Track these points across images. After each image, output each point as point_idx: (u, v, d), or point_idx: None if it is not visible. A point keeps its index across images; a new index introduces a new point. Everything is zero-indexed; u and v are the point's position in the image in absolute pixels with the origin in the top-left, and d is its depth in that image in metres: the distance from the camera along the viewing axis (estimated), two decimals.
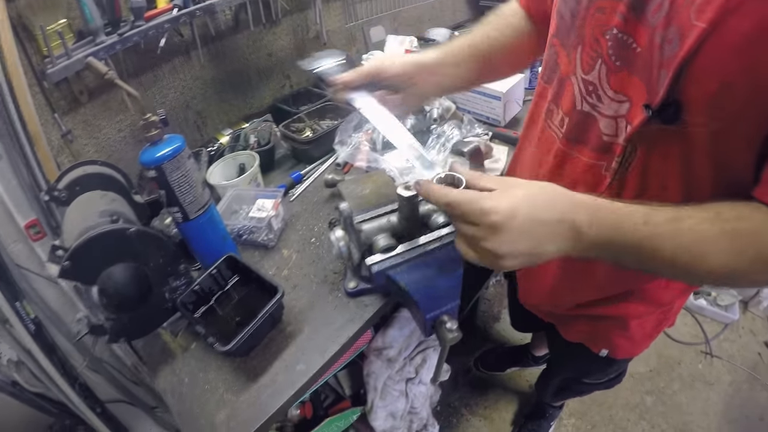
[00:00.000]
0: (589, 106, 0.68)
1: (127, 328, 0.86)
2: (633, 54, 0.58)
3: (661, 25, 0.53)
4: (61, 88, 1.08)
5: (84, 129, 1.17)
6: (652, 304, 0.88)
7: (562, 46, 0.71)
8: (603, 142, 0.67)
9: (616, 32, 0.59)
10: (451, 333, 0.72)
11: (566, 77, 0.71)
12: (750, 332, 2.14)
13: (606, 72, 0.63)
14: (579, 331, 1.00)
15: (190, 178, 0.90)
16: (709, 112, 0.52)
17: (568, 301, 0.93)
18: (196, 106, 1.40)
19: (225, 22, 1.36)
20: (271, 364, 0.86)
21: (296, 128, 1.45)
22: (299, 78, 1.71)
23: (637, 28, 0.57)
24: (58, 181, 0.98)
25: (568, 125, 0.72)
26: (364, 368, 1.13)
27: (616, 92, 0.63)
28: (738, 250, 0.52)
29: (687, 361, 2.02)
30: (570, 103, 0.71)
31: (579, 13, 0.65)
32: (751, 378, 1.95)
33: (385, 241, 0.74)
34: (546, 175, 0.79)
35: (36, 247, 1.08)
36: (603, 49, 0.62)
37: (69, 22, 1.05)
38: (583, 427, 1.78)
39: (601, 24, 0.62)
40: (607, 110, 0.65)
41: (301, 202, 1.27)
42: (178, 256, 0.90)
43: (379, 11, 1.89)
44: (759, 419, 1.81)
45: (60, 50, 1.03)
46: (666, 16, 0.52)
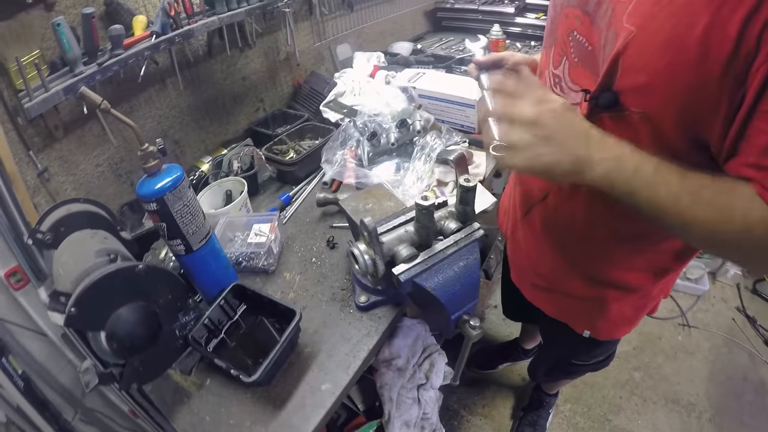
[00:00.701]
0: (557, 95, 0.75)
1: (138, 372, 0.82)
2: (586, 52, 0.71)
3: (605, 28, 0.65)
4: (35, 123, 1.03)
5: (61, 166, 1.11)
6: (626, 289, 0.94)
7: (544, 46, 0.86)
8: None
9: (576, 34, 0.73)
10: (474, 330, 0.76)
11: (543, 71, 0.86)
12: (721, 300, 2.31)
13: (568, 67, 0.76)
14: (561, 308, 1.06)
15: (192, 207, 0.88)
16: (640, 100, 0.61)
17: (547, 269, 1.01)
18: (174, 135, 1.37)
19: (199, 49, 1.34)
20: (295, 388, 0.85)
21: (279, 150, 1.44)
22: (273, 100, 1.71)
23: (591, 30, 0.69)
24: (40, 223, 0.93)
25: None
26: (377, 381, 1.13)
27: (575, 84, 0.75)
28: (728, 204, 0.56)
29: (667, 335, 2.15)
30: None
31: (555, 19, 0.79)
32: (729, 342, 2.10)
33: (408, 251, 0.75)
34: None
35: (18, 296, 1.01)
36: (567, 48, 0.75)
37: (42, 53, 1.00)
38: (579, 411, 1.85)
39: (567, 27, 0.75)
40: (568, 99, 0.76)
41: (295, 224, 1.26)
42: (187, 291, 0.88)
43: (344, 29, 1.93)
44: (743, 379, 1.95)
45: (36, 82, 0.98)
46: (608, 21, 0.64)
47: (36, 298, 0.99)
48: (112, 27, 1.06)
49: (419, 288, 0.74)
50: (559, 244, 0.95)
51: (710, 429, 1.77)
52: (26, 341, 1.05)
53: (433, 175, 1.33)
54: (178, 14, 1.19)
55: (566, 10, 0.74)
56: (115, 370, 0.80)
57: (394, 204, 0.99)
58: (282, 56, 1.67)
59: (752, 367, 2.00)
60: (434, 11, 2.52)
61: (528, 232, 1.02)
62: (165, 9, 1.15)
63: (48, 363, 1.06)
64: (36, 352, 1.04)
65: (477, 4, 2.36)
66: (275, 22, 1.57)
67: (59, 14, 1.02)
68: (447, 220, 0.83)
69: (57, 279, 0.85)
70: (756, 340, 2.11)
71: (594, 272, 0.94)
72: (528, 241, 1.04)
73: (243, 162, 1.38)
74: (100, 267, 0.82)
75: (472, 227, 0.81)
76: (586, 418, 1.82)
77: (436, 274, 0.76)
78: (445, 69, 1.96)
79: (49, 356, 1.07)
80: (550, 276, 1.03)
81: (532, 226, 1.00)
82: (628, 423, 1.80)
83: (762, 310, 2.24)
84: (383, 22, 2.15)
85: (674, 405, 1.85)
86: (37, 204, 1.06)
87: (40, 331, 1.02)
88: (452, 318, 0.76)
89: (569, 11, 0.73)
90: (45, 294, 0.99)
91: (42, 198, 1.08)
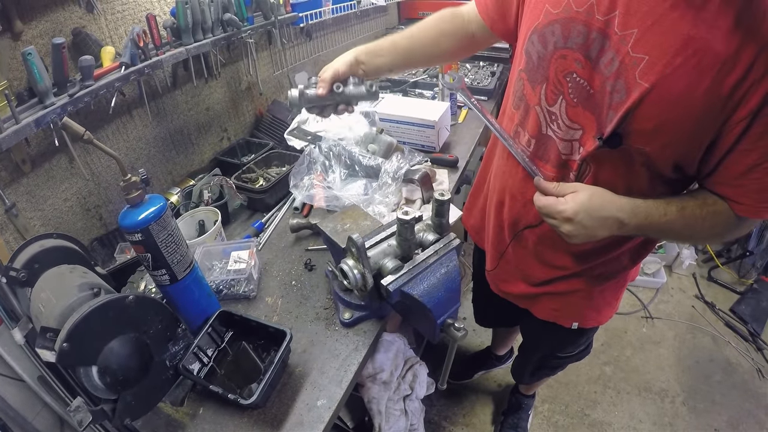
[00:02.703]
0: (551, 131, 0.86)
1: (131, 407, 0.82)
2: (587, 94, 0.77)
3: (612, 77, 0.72)
4: (1, 157, 1.00)
5: (28, 201, 1.09)
6: (610, 276, 1.05)
7: (529, 80, 0.88)
8: (561, 160, 0.87)
9: (576, 76, 0.77)
10: (459, 331, 0.81)
11: (531, 106, 0.88)
12: (680, 290, 2.51)
13: (565, 106, 0.82)
14: (551, 309, 1.13)
15: (176, 237, 0.89)
16: (643, 141, 0.74)
17: (539, 277, 1.08)
18: (142, 166, 1.36)
19: (166, 79, 1.35)
20: (291, 407, 0.87)
21: (249, 179, 1.46)
22: (236, 130, 1.73)
23: (592, 74, 0.75)
24: (12, 260, 0.91)
25: (534, 146, 0.91)
26: (364, 396, 1.16)
27: (572, 122, 0.82)
28: (713, 224, 0.79)
29: (632, 329, 2.30)
30: (535, 127, 0.89)
31: (545, 57, 0.81)
32: (692, 327, 2.29)
33: (393, 263, 0.81)
34: (517, 185, 0.97)
35: None
36: (564, 88, 0.80)
37: (9, 83, 0.98)
38: (557, 409, 1.94)
39: (563, 68, 0.79)
40: (564, 135, 0.84)
41: (270, 250, 1.28)
42: (176, 320, 0.88)
43: (302, 57, 1.99)
44: (709, 360, 2.12)
45: (5, 113, 0.95)
46: (616, 71, 0.71)
47: (9, 340, 0.95)
48: (83, 58, 1.05)
49: (407, 296, 0.80)
50: (553, 256, 1.02)
51: (684, 411, 1.91)
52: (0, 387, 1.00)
53: (401, 193, 1.40)
54: (147, 45, 1.20)
55: (562, 51, 0.78)
56: (106, 406, 0.79)
57: (370, 222, 1.04)
58: (244, 86, 1.71)
59: (716, 348, 2.18)
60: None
61: (518, 248, 1.07)
62: (134, 40, 1.16)
63: (23, 409, 1.01)
64: (10, 398, 0.99)
65: None
66: (237, 53, 1.61)
67: (26, 44, 1.02)
68: (425, 232, 0.90)
69: (38, 317, 0.84)
70: (717, 323, 2.30)
71: (585, 269, 1.02)
72: (518, 255, 1.08)
73: (213, 192, 1.39)
74: (85, 301, 0.81)
75: (449, 237, 0.88)
76: (564, 415, 1.91)
77: (421, 282, 0.81)
78: (401, 92, 2.07)
79: (24, 401, 1.03)
80: (541, 282, 1.09)
81: (523, 244, 1.05)
82: (605, 415, 1.91)
83: (719, 294, 2.45)
84: (338, 50, 2.21)
85: (647, 393, 1.98)
86: (6, 241, 1.03)
87: (14, 376, 0.98)
88: (438, 322, 0.81)
89: (567, 53, 0.77)
90: (20, 335, 0.95)
91: (10, 235, 1.05)
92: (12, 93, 0.99)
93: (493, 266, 1.18)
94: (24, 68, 0.98)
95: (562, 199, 0.81)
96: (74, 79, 1.07)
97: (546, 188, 0.85)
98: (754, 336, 2.20)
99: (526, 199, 0.95)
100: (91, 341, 0.75)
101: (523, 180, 0.95)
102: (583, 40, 0.74)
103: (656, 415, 1.90)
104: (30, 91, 1.03)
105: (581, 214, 0.78)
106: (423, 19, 1.11)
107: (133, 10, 1.25)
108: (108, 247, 1.27)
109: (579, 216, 0.78)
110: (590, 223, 0.79)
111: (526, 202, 0.95)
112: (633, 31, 0.68)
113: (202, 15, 1.33)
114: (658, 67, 0.66)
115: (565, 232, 0.82)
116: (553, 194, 0.84)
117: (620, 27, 0.69)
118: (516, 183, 0.98)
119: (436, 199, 0.84)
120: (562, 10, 0.76)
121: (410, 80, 2.15)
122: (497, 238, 1.12)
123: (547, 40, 0.80)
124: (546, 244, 1.00)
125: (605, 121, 0.76)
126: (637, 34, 0.68)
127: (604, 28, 0.71)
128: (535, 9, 0.82)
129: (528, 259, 1.06)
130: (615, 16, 0.70)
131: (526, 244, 1.04)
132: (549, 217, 0.84)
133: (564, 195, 0.82)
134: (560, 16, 0.76)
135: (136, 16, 1.26)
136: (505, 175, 1.01)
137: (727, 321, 2.29)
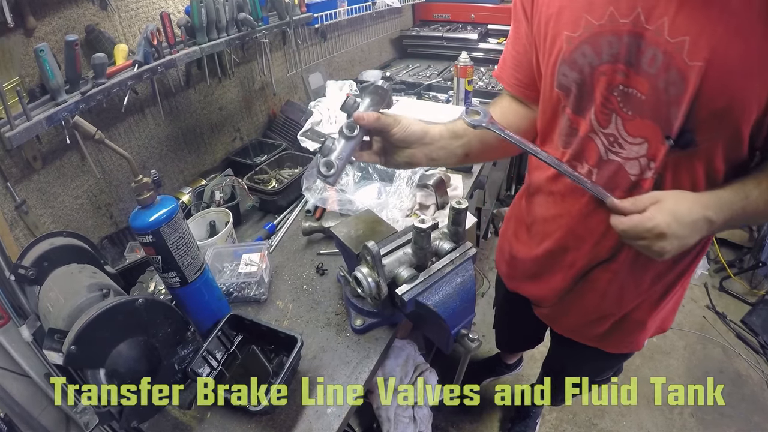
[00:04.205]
0: (614, 154, 0.79)
1: (138, 410, 0.80)
2: (640, 101, 0.72)
3: (661, 72, 0.67)
4: (12, 154, 1.00)
5: (39, 198, 1.08)
6: (668, 299, 1.01)
7: (575, 113, 0.81)
8: (631, 182, 0.79)
9: (623, 88, 0.72)
10: (473, 342, 0.79)
11: (585, 136, 0.81)
12: (691, 300, 2.45)
13: (622, 122, 0.75)
14: (622, 341, 1.08)
15: (187, 239, 0.88)
16: (718, 128, 0.68)
17: (611, 310, 1.00)
18: (153, 165, 1.36)
19: (179, 78, 1.35)
20: (300, 414, 0.85)
21: (261, 180, 1.45)
22: (249, 130, 1.72)
23: (638, 79, 0.70)
24: (22, 258, 0.90)
25: (598, 175, 0.82)
26: (373, 402, 1.14)
27: (634, 137, 0.75)
28: None
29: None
30: (596, 156, 0.81)
31: (585, 81, 0.76)
32: (703, 338, 2.24)
33: (408, 272, 0.79)
34: (582, 225, 0.89)
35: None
36: (614, 105, 0.75)
37: (21, 79, 0.98)
38: (565, 418, 1.90)
39: (607, 85, 0.74)
40: (629, 154, 0.77)
41: (282, 252, 1.27)
42: (186, 323, 0.87)
43: (316, 58, 1.98)
44: (719, 372, 2.07)
45: (17, 110, 0.95)
46: (663, 65, 0.66)
47: (17, 336, 0.95)
48: (96, 55, 1.05)
49: (421, 306, 0.77)
50: (627, 289, 0.94)
51: (693, 423, 1.87)
52: (7, 382, 0.99)
53: (415, 198, 1.38)
54: (161, 44, 1.19)
55: (602, 67, 0.73)
56: (113, 408, 0.78)
57: (384, 228, 1.02)
58: (257, 86, 1.70)
59: (727, 360, 2.13)
60: (400, 39, 2.63)
61: (586, 289, 0.98)
62: (148, 38, 1.15)
63: (30, 405, 1.00)
64: (17, 394, 0.99)
65: (441, 31, 2.48)
66: (251, 52, 1.60)
67: (39, 40, 1.01)
68: (441, 240, 0.87)
69: (46, 316, 0.83)
70: (728, 334, 2.25)
71: (651, 301, 0.98)
72: (585, 296, 0.99)
73: (225, 192, 1.38)
74: (94, 302, 0.80)
75: (465, 246, 0.86)
76: (572, 424, 1.88)
77: (437, 292, 0.79)
78: (415, 95, 2.05)
79: (30, 397, 1.02)
80: (612, 318, 1.02)
81: (592, 285, 0.96)
82: (613, 425, 1.87)
83: (731, 305, 2.39)
84: (352, 51, 2.23)
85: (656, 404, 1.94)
86: (15, 237, 1.03)
87: (21, 372, 0.97)
88: (452, 332, 0.79)
89: (606, 68, 0.72)
90: (27, 332, 0.95)
91: (20, 231, 1.05)
92: (24, 90, 0.99)
93: (548, 305, 1.11)
94: (36, 65, 0.97)
95: (647, 215, 0.72)
96: (87, 76, 1.07)
97: (623, 207, 0.76)
98: (765, 348, 2.15)
99: (596, 237, 0.88)
100: (99, 344, 0.74)
101: (587, 217, 0.87)
102: (617, 49, 0.70)
103: (664, 427, 1.86)
104: (42, 88, 1.02)
105: (673, 224, 0.70)
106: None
107: (148, 8, 1.25)
108: (118, 246, 1.27)
109: (672, 228, 0.70)
110: (683, 232, 0.71)
111: (597, 239, 0.88)
112: (664, 20, 0.65)
113: (217, 14, 1.32)
114: (703, 41, 0.62)
115: (658, 249, 0.73)
116: (633, 211, 0.74)
117: (648, 21, 0.66)
118: (580, 223, 0.89)
119: (453, 207, 0.82)
120: (583, 30, 0.72)
121: (424, 83, 2.12)
122: (559, 285, 1.02)
123: (580, 64, 0.75)
124: (618, 282, 0.92)
125: (669, 120, 0.70)
126: (668, 21, 0.64)
127: (632, 28, 0.68)
128: (554, 42, 0.77)
129: (597, 298, 0.98)
130: (639, 14, 0.66)
131: (595, 285, 0.96)
132: (638, 239, 0.74)
133: (645, 209, 0.73)
134: (584, 36, 0.73)
135: (151, 14, 1.26)
136: (563, 218, 0.92)
137: (738, 332, 2.24)
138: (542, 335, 1.48)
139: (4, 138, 0.93)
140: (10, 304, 0.96)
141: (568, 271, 0.98)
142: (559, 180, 0.91)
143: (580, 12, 0.72)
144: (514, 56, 0.93)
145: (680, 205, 0.72)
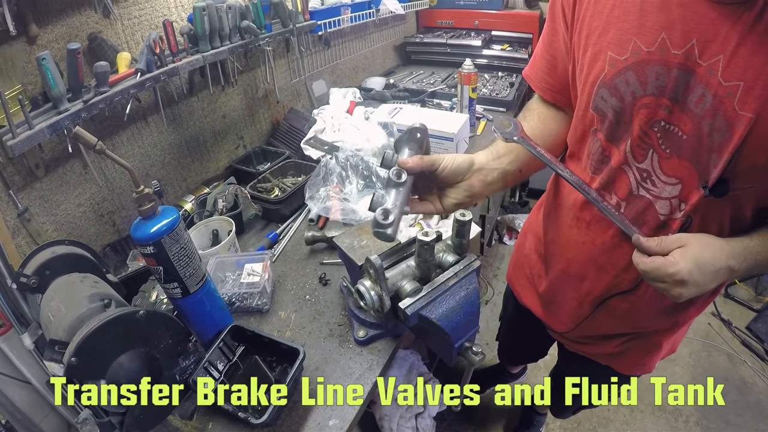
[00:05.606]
0: (645, 190, 0.76)
1: (140, 420, 0.80)
2: (680, 141, 0.68)
3: (708, 116, 0.63)
4: (14, 162, 0.99)
5: (41, 206, 1.08)
6: (682, 325, 1.00)
7: (609, 140, 0.78)
8: (660, 221, 0.77)
9: (664, 124, 0.69)
10: (477, 355, 0.78)
11: (618, 167, 0.77)
12: None
13: (658, 160, 0.72)
14: (636, 363, 1.07)
15: (189, 250, 0.87)
16: (756, 179, 0.66)
17: (630, 330, 0.99)
18: (156, 173, 1.35)
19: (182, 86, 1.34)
20: (302, 426, 0.84)
21: (264, 188, 1.45)
22: (252, 138, 1.72)
23: (681, 117, 0.66)
24: (24, 266, 0.90)
25: (626, 209, 0.79)
26: (376, 413, 1.13)
27: (669, 176, 0.72)
28: None
29: None
30: (626, 189, 0.78)
31: (625, 111, 0.72)
32: (708, 346, 2.22)
33: (411, 285, 0.78)
34: (605, 255, 0.87)
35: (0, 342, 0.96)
36: (653, 140, 0.71)
37: (23, 88, 0.98)
38: (569, 427, 1.88)
39: (648, 118, 0.70)
40: (661, 193, 0.74)
41: (284, 262, 1.26)
42: (188, 334, 0.86)
43: (319, 65, 1.98)
44: (724, 379, 2.05)
45: (19, 118, 0.95)
46: (711, 108, 0.62)
47: (19, 344, 0.94)
48: (98, 63, 1.04)
49: (425, 320, 0.76)
50: (646, 317, 0.93)
51: (698, 431, 1.85)
52: (8, 389, 1.00)
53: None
54: (163, 52, 1.19)
55: (645, 99, 0.69)
56: (114, 418, 0.77)
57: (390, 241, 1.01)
58: (260, 93, 1.70)
59: (732, 367, 2.11)
60: (403, 45, 2.63)
61: (603, 315, 0.97)
62: (150, 46, 1.15)
63: (31, 412, 1.00)
64: (19, 401, 0.99)
65: (445, 38, 2.48)
66: (254, 60, 1.60)
67: (42, 48, 1.01)
68: (444, 253, 0.86)
69: (47, 326, 0.82)
70: (733, 341, 2.23)
71: (668, 326, 0.97)
72: (602, 321, 0.98)
73: (227, 201, 1.37)
74: (95, 313, 0.80)
75: (469, 258, 0.85)
76: None
77: (440, 305, 0.78)
78: (419, 103, 2.04)
79: (32, 404, 1.02)
80: (628, 338, 1.02)
81: (609, 312, 0.95)
82: None
83: (736, 312, 2.37)
84: (356, 58, 2.23)
85: (661, 412, 1.93)
86: (17, 245, 1.03)
87: (23, 379, 0.97)
88: (456, 346, 0.78)
89: (649, 101, 0.68)
90: (29, 340, 0.95)
91: (22, 239, 1.05)
92: (26, 98, 0.99)
93: (566, 330, 1.09)
94: (38, 73, 0.97)
95: (671, 259, 0.69)
96: (89, 84, 1.07)
97: (648, 247, 0.72)
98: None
99: (618, 269, 0.85)
100: (100, 356, 0.73)
101: (612, 249, 0.85)
102: (665, 82, 0.65)
103: None
104: (44, 96, 1.02)
105: (695, 273, 0.67)
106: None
107: (150, 16, 1.25)
108: (121, 254, 1.27)
109: (693, 276, 0.67)
110: (703, 280, 0.69)
111: (618, 272, 0.86)
112: (719, 58, 0.60)
113: (220, 22, 1.32)
114: (757, 91, 0.58)
115: (676, 294, 0.70)
116: (658, 253, 0.71)
117: (702, 56, 0.61)
118: (603, 253, 0.86)
119: (457, 219, 0.81)
120: (630, 55, 0.67)
121: (428, 90, 2.12)
122: (575, 311, 1.00)
123: (621, 92, 0.70)
124: (637, 311, 0.90)
125: (708, 167, 0.67)
126: (724, 61, 0.59)
127: (684, 61, 0.63)
128: (596, 59, 0.72)
129: (614, 323, 0.97)
130: (693, 45, 0.61)
131: (613, 312, 0.94)
132: (657, 281, 0.71)
133: (670, 252, 0.70)
134: (630, 62, 0.67)
135: (153, 22, 1.26)
136: (586, 245, 0.89)
137: (744, 339, 2.22)
138: (547, 351, 1.48)
139: (6, 146, 0.93)
140: (12, 311, 0.96)
141: (585, 298, 0.96)
142: (589, 207, 0.87)
143: (628, 33, 0.67)
144: (548, 59, 0.88)
145: (705, 253, 0.69)
